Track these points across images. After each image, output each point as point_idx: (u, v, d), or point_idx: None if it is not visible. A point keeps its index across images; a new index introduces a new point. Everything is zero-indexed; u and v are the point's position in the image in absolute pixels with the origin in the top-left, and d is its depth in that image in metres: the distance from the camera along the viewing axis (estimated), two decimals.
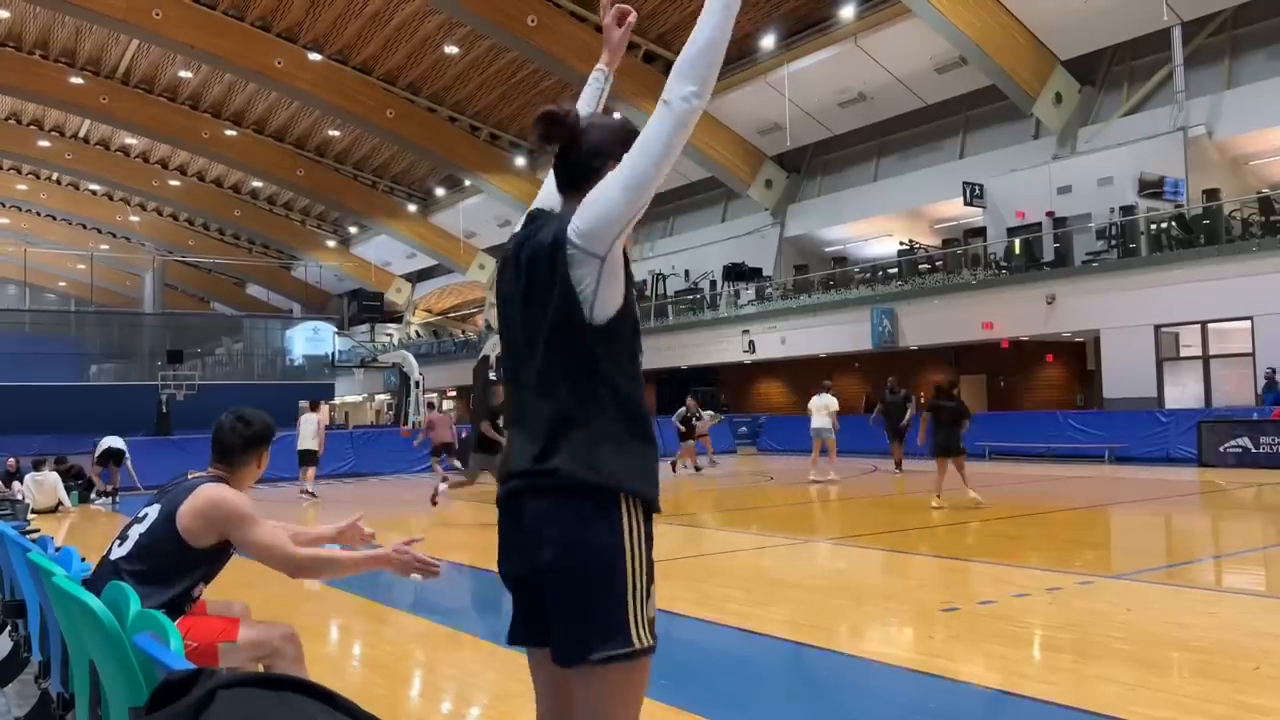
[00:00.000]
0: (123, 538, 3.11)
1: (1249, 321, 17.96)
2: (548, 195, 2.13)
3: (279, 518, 3.49)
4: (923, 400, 26.85)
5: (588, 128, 2.02)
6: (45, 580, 2.78)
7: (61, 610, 2.59)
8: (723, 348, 28.25)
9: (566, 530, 1.85)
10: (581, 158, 1.99)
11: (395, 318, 50.42)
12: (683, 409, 19.01)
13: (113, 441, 15.56)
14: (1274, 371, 17.98)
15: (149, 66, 35.87)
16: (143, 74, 36.38)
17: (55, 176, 48.55)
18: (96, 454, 15.45)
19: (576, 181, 1.99)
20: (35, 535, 5.70)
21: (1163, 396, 19.07)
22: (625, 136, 1.97)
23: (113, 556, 3.06)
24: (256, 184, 46.93)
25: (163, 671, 1.65)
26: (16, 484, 14.19)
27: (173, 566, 3.01)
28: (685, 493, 13.83)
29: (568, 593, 1.85)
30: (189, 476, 3.21)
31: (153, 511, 3.11)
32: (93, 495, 15.57)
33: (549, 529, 1.87)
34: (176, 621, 2.49)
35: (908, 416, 16.95)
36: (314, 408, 17.07)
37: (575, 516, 1.85)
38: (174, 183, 46.70)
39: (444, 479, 17.11)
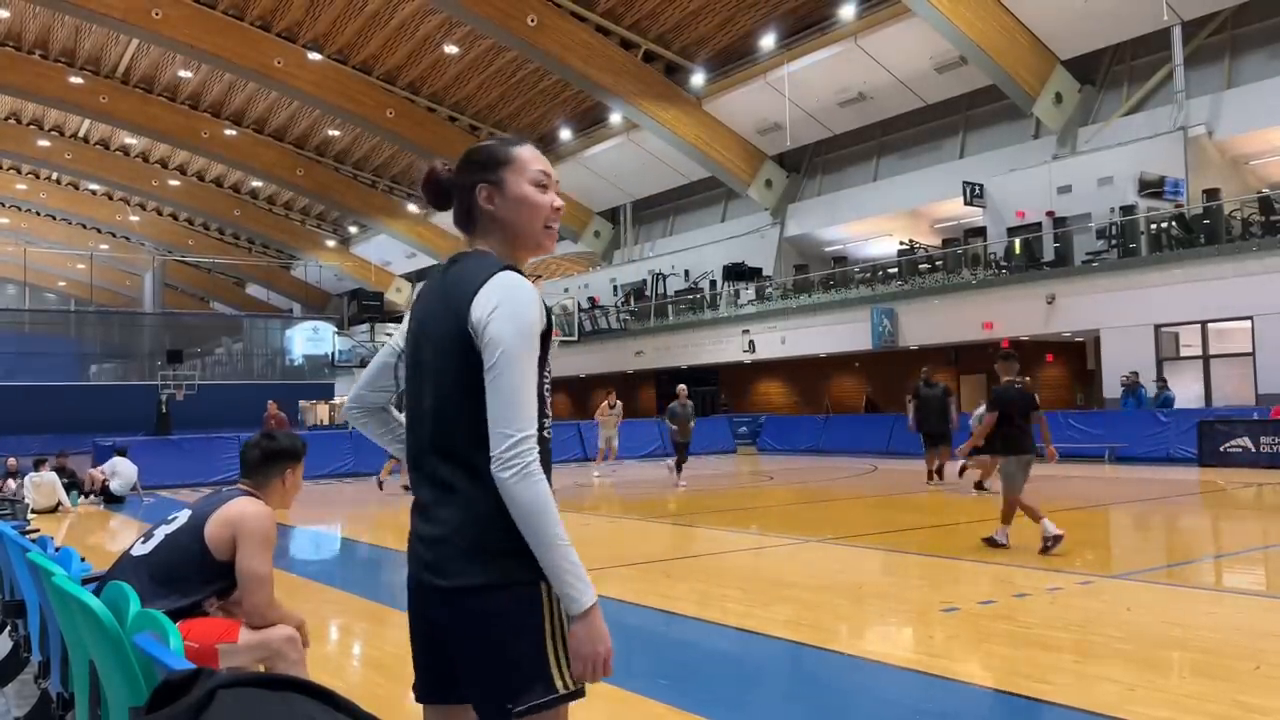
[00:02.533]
0: (148, 536, 3.14)
1: (1249, 321, 17.96)
2: None
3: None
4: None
5: (455, 172, 2.03)
6: (45, 580, 2.78)
7: (61, 610, 2.59)
8: (723, 347, 28.26)
9: (477, 601, 1.81)
10: (459, 201, 2.01)
11: (395, 317, 50.42)
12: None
13: (123, 466, 15.66)
14: (1136, 375, 18.50)
15: (148, 66, 35.87)
16: (142, 74, 36.39)
17: (55, 176, 48.55)
18: (104, 477, 15.50)
19: (466, 220, 2.01)
20: (35, 535, 5.70)
21: None
22: (483, 160, 1.97)
23: (135, 553, 3.09)
24: (256, 184, 46.94)
25: (162, 671, 1.65)
26: (12, 482, 14.16)
27: (191, 573, 3.03)
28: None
29: (481, 647, 1.80)
30: (224, 490, 3.26)
31: (183, 516, 3.16)
32: (90, 494, 15.52)
33: (463, 608, 1.82)
34: (177, 622, 2.49)
35: (954, 415, 14.01)
36: (608, 399, 18.95)
37: (490, 598, 1.81)
38: (174, 182, 46.71)
39: None
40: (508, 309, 1.80)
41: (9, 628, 4.68)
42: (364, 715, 1.30)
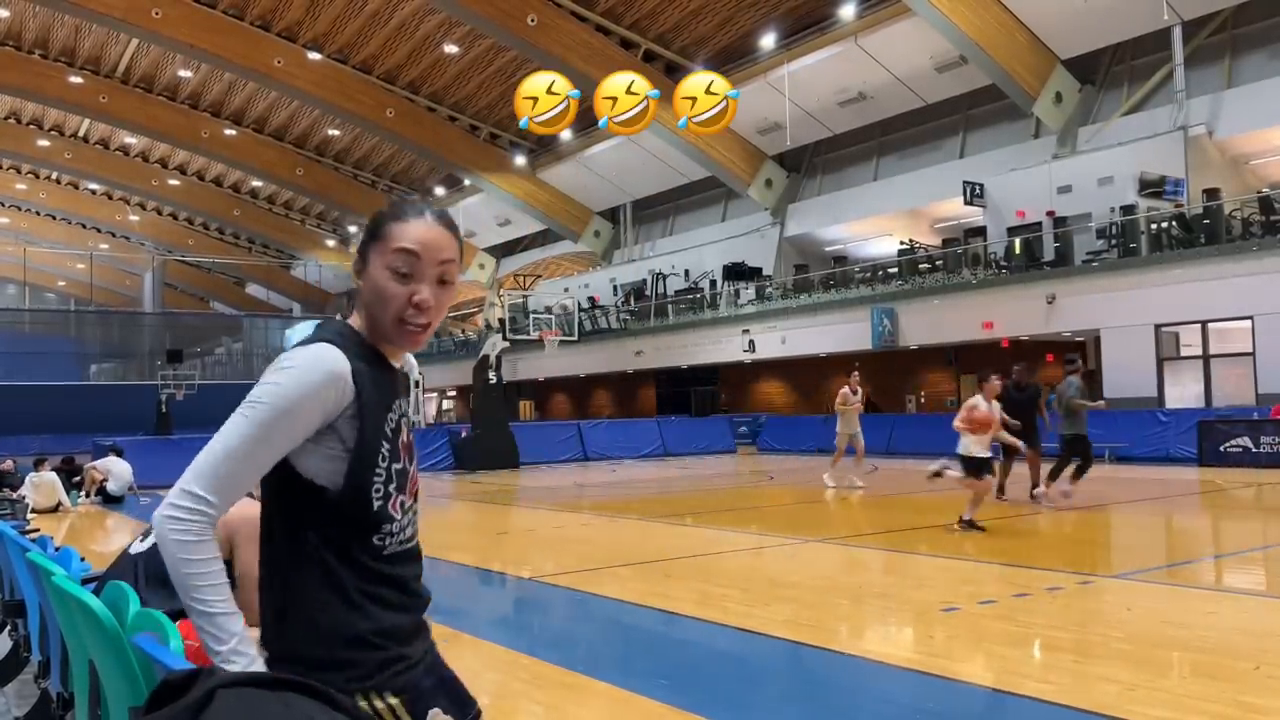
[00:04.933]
0: (146, 534, 3.14)
1: (1249, 321, 17.96)
2: None
3: None
4: (923, 399, 26.92)
5: None
6: (45, 580, 2.78)
7: (61, 610, 2.59)
8: (723, 347, 28.26)
9: None
10: None
11: None
12: None
13: (117, 465, 15.62)
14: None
15: (148, 66, 35.87)
16: (142, 73, 36.38)
17: (55, 176, 48.55)
18: (101, 476, 15.43)
19: None
20: (35, 535, 5.70)
21: (1163, 396, 19.07)
22: (369, 227, 1.69)
23: (133, 551, 3.08)
24: (256, 183, 46.94)
25: (162, 671, 1.65)
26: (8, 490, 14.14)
27: None
28: None
29: None
30: None
31: None
32: (89, 494, 15.49)
33: None
34: (177, 622, 2.48)
35: (1046, 419, 11.91)
36: (848, 383, 14.15)
37: None
38: (173, 182, 46.71)
39: None
40: (269, 372, 1.55)
41: (9, 627, 4.68)
42: (363, 715, 1.30)
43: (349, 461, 1.55)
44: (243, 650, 1.46)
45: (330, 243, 51.98)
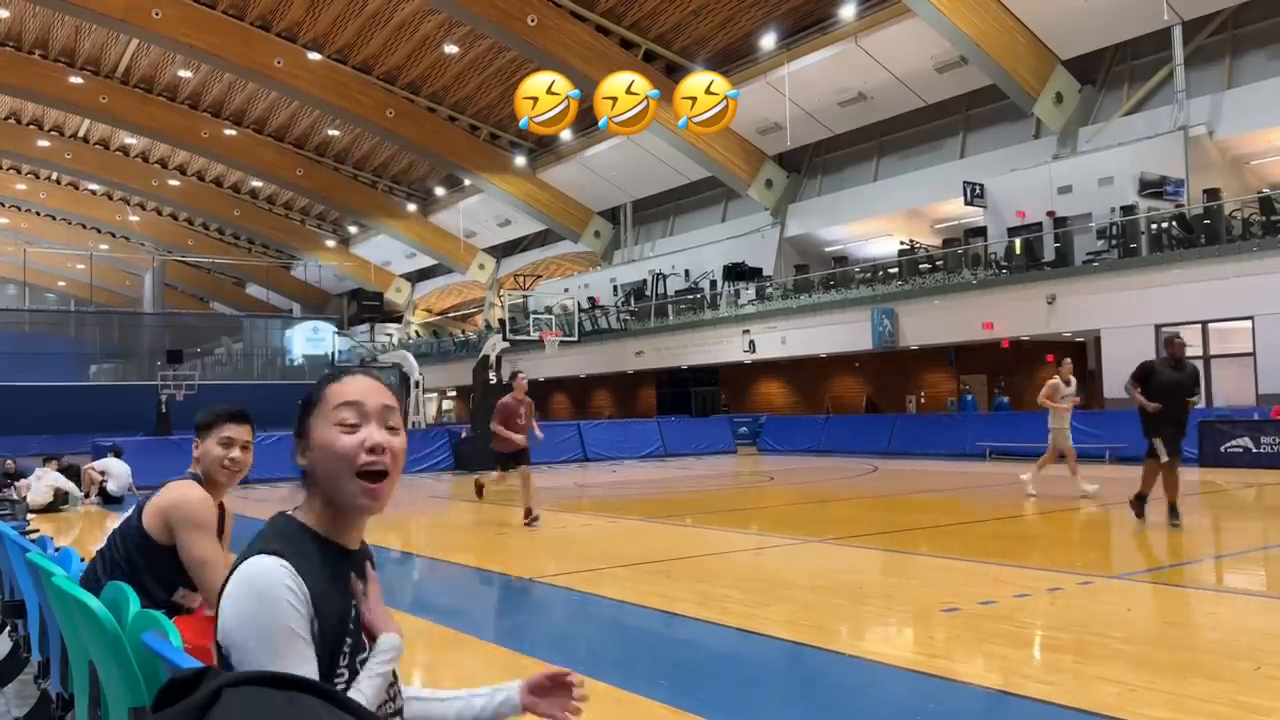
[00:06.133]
0: (107, 531, 3.17)
1: (1249, 321, 17.97)
2: None
3: None
4: (923, 399, 26.93)
5: None
6: (44, 580, 2.78)
7: (61, 610, 2.59)
8: (723, 348, 28.27)
9: None
10: None
11: (395, 317, 50.47)
12: None
13: (116, 466, 15.63)
14: (969, 386, 18.65)
15: (148, 66, 35.87)
16: (142, 73, 36.38)
17: (55, 176, 48.56)
18: (100, 477, 15.43)
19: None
20: (35, 535, 5.70)
21: None
22: (300, 408, 1.62)
23: (95, 549, 3.13)
24: (256, 183, 46.95)
25: (164, 670, 1.65)
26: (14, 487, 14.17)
27: (139, 559, 3.01)
28: None
29: None
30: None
31: (133, 506, 3.18)
32: (88, 495, 15.50)
33: None
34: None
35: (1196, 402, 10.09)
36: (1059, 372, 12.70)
37: None
38: (173, 182, 46.71)
39: None
40: (233, 618, 1.48)
41: (9, 628, 4.68)
42: (368, 715, 1.30)
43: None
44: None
45: (330, 243, 51.99)
